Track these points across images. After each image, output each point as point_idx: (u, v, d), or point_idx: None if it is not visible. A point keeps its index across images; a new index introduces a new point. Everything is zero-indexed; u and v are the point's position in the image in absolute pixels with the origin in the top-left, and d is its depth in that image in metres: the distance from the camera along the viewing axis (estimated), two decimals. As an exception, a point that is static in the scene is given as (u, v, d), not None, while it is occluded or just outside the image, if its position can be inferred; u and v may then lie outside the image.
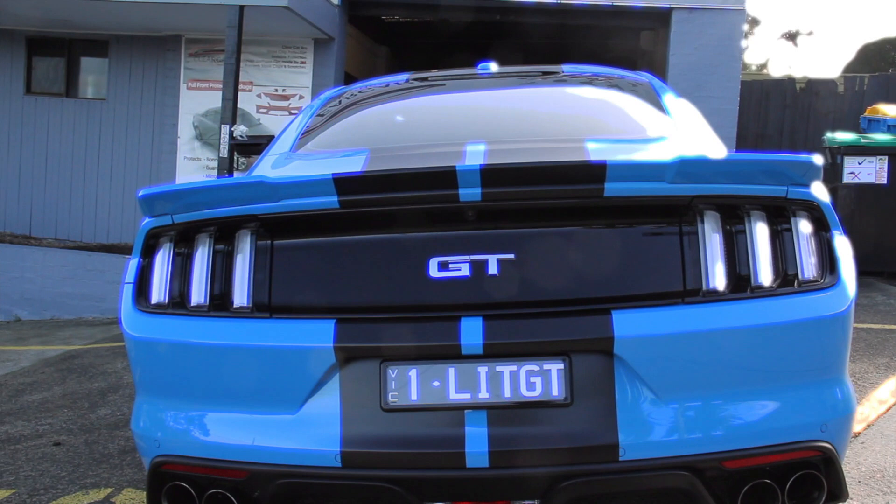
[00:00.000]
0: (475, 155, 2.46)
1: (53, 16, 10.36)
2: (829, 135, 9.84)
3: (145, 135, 11.28)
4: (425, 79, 3.74)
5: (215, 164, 9.82)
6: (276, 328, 2.22)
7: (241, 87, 9.25)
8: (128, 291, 2.36)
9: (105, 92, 11.48)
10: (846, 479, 2.23)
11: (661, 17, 10.68)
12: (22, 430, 4.78)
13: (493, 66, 3.71)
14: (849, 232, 2.39)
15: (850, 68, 29.90)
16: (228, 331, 2.24)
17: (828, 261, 2.23)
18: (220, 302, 2.28)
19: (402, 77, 3.78)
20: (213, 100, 10.38)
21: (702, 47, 10.27)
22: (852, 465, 3.68)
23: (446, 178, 2.11)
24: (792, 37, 38.74)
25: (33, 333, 8.76)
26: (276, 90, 10.84)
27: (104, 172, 11.36)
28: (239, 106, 9.20)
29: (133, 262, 2.38)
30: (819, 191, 2.25)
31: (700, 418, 2.13)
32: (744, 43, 10.48)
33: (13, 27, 11.31)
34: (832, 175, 9.31)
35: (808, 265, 2.20)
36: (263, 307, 2.25)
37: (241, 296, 2.25)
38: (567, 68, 3.77)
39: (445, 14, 11.57)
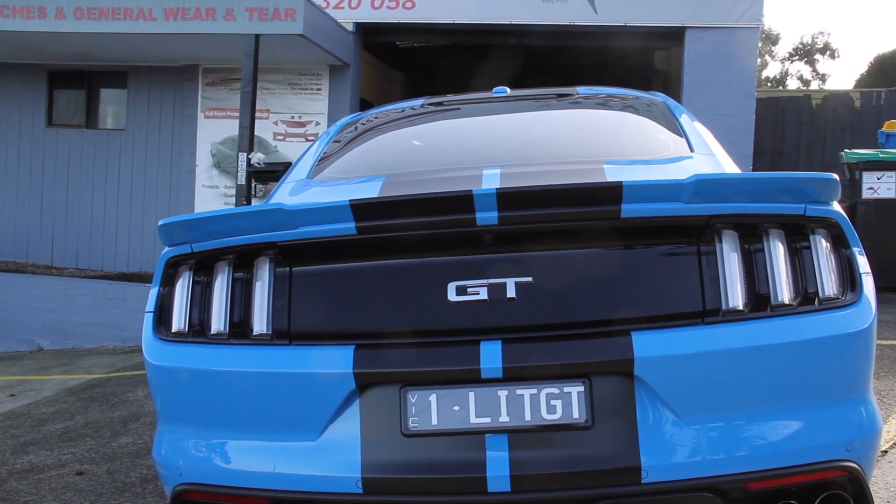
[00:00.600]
0: (492, 179, 2.47)
1: (74, 49, 10.52)
2: (846, 150, 9.80)
3: (164, 164, 11.39)
4: (440, 103, 3.76)
5: (233, 191, 9.90)
6: (296, 355, 2.22)
7: (257, 114, 9.33)
8: (148, 320, 2.38)
9: (124, 122, 11.62)
10: (874, 499, 2.20)
11: (675, 37, 10.70)
12: (45, 460, 4.81)
13: (509, 91, 3.72)
14: (869, 247, 2.38)
15: (864, 80, 29.81)
16: (248, 358, 2.24)
17: (848, 277, 2.21)
18: (239, 329, 2.29)
19: (417, 102, 3.81)
20: (230, 128, 10.48)
21: (716, 65, 10.26)
22: (880, 485, 3.63)
23: (463, 202, 2.12)
24: (807, 54, 38.68)
25: (55, 363, 8.82)
26: (293, 117, 10.93)
27: (124, 202, 11.47)
28: (256, 133, 9.28)
29: (153, 291, 2.40)
30: (837, 207, 2.24)
31: (723, 439, 2.11)
32: (759, 60, 10.48)
33: (35, 61, 11.48)
34: (851, 191, 9.26)
35: (828, 282, 2.18)
36: (283, 334, 2.25)
37: (260, 323, 2.26)
38: (582, 90, 3.78)
39: (459, 38, 11.65)
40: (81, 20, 9.27)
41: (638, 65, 13.46)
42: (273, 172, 3.69)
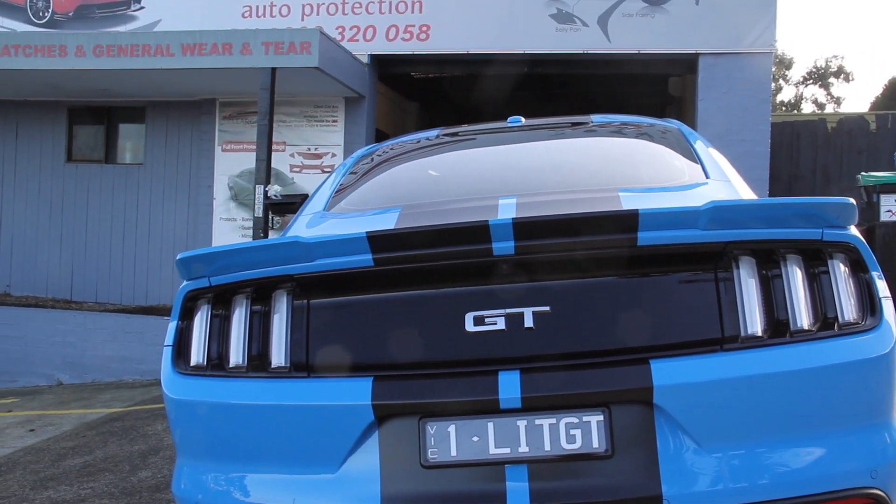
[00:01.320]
0: (508, 208, 2.47)
1: (94, 86, 10.67)
2: (863, 173, 9.75)
3: (182, 197, 11.49)
4: (455, 134, 3.78)
5: (250, 223, 9.96)
6: (315, 387, 2.22)
7: (274, 147, 9.42)
8: (167, 354, 2.39)
9: (142, 157, 11.75)
10: (900, 527, 2.16)
11: (689, 63, 10.73)
12: (65, 495, 4.81)
13: (523, 120, 3.74)
14: (888, 269, 2.36)
15: (878, 102, 29.73)
16: (267, 391, 2.25)
17: (868, 302, 2.20)
18: (258, 362, 2.29)
19: (432, 133, 3.83)
20: (247, 161, 10.57)
21: (730, 91, 10.28)
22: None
23: (479, 232, 2.12)
24: (821, 77, 38.64)
25: (74, 397, 8.86)
26: (309, 149, 11.01)
27: (142, 235, 11.56)
28: (272, 166, 9.36)
29: (172, 325, 2.41)
30: (855, 231, 2.23)
31: (744, 467, 2.09)
32: (773, 84, 10.48)
33: (56, 98, 11.66)
34: (869, 213, 9.20)
35: (847, 307, 2.16)
36: (301, 366, 2.26)
37: (278, 356, 2.27)
38: (596, 118, 3.79)
39: (473, 69, 11.73)
40: (101, 57, 9.43)
41: (652, 91, 13.49)
42: (290, 204, 3.71)
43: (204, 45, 9.20)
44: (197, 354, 2.34)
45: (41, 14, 12.07)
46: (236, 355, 2.30)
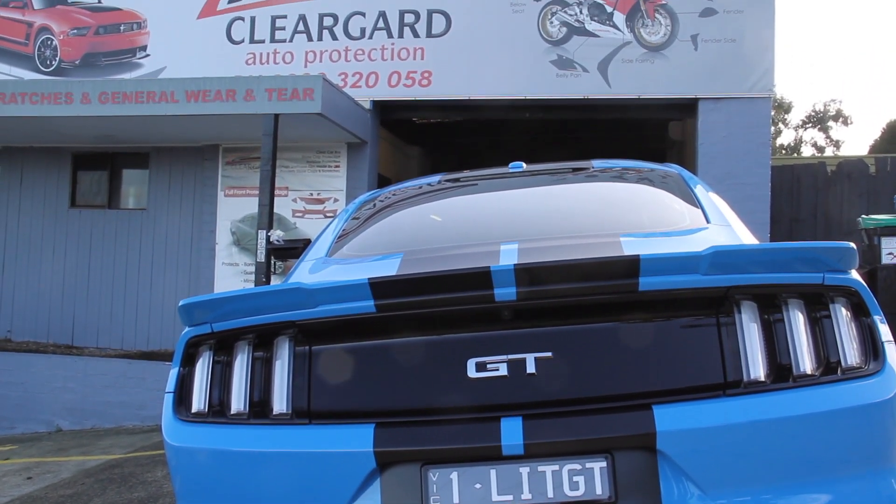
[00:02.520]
0: (509, 254, 2.48)
1: (98, 132, 10.77)
2: (864, 216, 9.78)
3: (184, 242, 11.51)
4: (457, 179, 3.80)
5: (253, 268, 9.97)
6: (316, 434, 2.21)
7: (276, 192, 9.46)
8: (168, 401, 2.38)
9: (145, 202, 11.79)
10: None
11: (688, 108, 10.83)
12: (63, 544, 4.75)
13: (524, 165, 3.76)
14: (890, 313, 2.36)
15: (877, 146, 29.89)
16: (268, 438, 2.24)
17: (870, 346, 2.19)
18: (259, 409, 2.29)
19: (434, 178, 3.85)
20: (249, 206, 10.61)
21: (730, 135, 10.35)
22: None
23: (481, 278, 2.13)
24: (820, 121, 38.91)
25: (74, 443, 8.79)
26: (311, 194, 11.07)
27: (144, 280, 11.56)
28: (275, 211, 9.39)
29: (173, 372, 2.40)
30: (856, 276, 2.23)
31: (750, 515, 2.07)
32: (773, 128, 10.56)
33: (60, 144, 11.75)
34: (871, 256, 9.21)
35: (850, 352, 2.16)
36: (303, 413, 2.25)
37: (280, 402, 2.26)
38: (597, 163, 3.82)
39: (475, 113, 11.83)
40: (106, 104, 9.53)
41: (653, 136, 13.59)
42: (292, 249, 3.73)
43: (208, 91, 9.30)
44: (198, 401, 2.33)
45: (48, 62, 12.22)
46: (238, 402, 2.29)
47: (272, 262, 9.00)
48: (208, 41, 11.61)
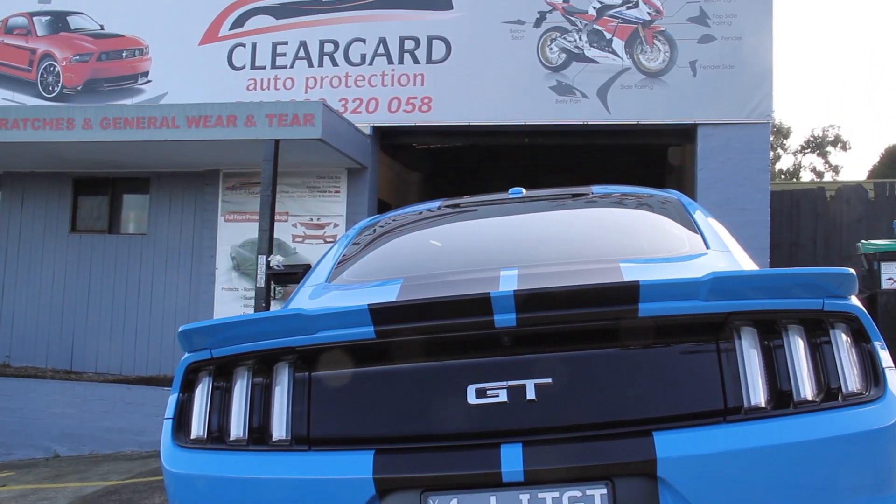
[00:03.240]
0: (509, 280, 2.48)
1: (99, 157, 10.80)
2: (863, 241, 9.79)
3: (184, 267, 11.51)
4: (457, 205, 3.81)
5: (252, 294, 9.97)
6: (316, 460, 2.20)
7: (276, 217, 9.47)
8: (167, 427, 2.37)
9: (146, 227, 11.80)
10: None
11: (687, 133, 10.87)
12: (60, 571, 4.71)
13: (524, 191, 3.77)
14: (890, 339, 2.35)
15: (876, 171, 29.97)
16: (268, 464, 2.23)
17: (871, 372, 2.19)
18: (258, 435, 2.28)
19: (434, 204, 3.86)
20: (249, 231, 10.63)
21: (729, 161, 10.39)
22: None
23: (481, 304, 2.13)
24: (819, 146, 39.04)
25: (71, 469, 8.74)
26: (311, 219, 11.08)
27: (144, 304, 11.55)
28: (275, 236, 9.40)
29: (172, 398, 2.40)
30: (856, 301, 2.23)
31: (751, 542, 2.06)
32: (772, 153, 10.60)
33: (61, 170, 11.78)
34: (870, 281, 9.21)
35: (850, 378, 2.16)
36: (302, 439, 2.24)
37: (279, 429, 2.25)
38: (597, 189, 3.83)
39: (475, 139, 11.88)
40: (107, 129, 9.56)
41: (652, 161, 13.64)
42: (292, 274, 3.74)
43: (209, 117, 9.34)
44: (197, 427, 2.33)
45: (51, 88, 12.29)
46: (237, 428, 2.29)
47: (272, 287, 9.00)
48: (210, 67, 11.68)
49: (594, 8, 10.87)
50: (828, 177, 37.84)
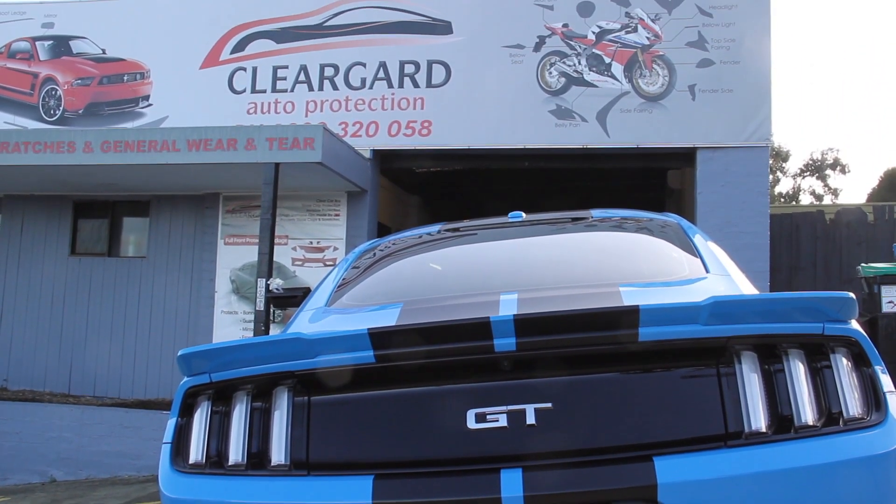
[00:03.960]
0: (509, 305, 2.48)
1: (100, 180, 10.82)
2: (863, 264, 9.79)
3: (183, 290, 11.50)
4: (457, 229, 3.81)
5: (252, 317, 9.95)
6: (314, 486, 2.19)
7: (276, 240, 9.47)
8: (165, 451, 2.36)
9: (145, 250, 11.81)
10: None
11: (686, 157, 10.90)
12: None
13: (524, 215, 3.78)
14: (891, 362, 2.34)
15: (875, 194, 30.03)
16: (266, 490, 2.21)
17: (872, 397, 2.18)
18: (257, 460, 2.27)
19: (434, 228, 3.86)
20: (249, 254, 10.63)
21: (728, 184, 10.41)
22: None
23: (481, 329, 2.12)
24: (818, 169, 39.14)
25: (67, 495, 8.68)
26: (311, 242, 11.09)
27: (143, 328, 11.52)
28: (275, 259, 9.40)
29: (171, 422, 2.39)
30: (856, 325, 2.23)
31: (753, 568, 2.04)
32: (771, 177, 10.62)
33: (62, 193, 11.81)
34: (871, 304, 9.20)
35: (851, 402, 2.15)
36: (301, 464, 2.23)
37: (278, 454, 2.24)
38: (596, 213, 3.83)
39: (475, 163, 11.91)
40: (108, 153, 9.59)
41: (651, 184, 13.66)
42: (292, 298, 3.73)
43: (209, 140, 9.37)
44: (196, 452, 2.31)
45: (52, 112, 12.35)
46: (236, 453, 2.27)
47: (271, 310, 8.98)
48: (210, 91, 11.74)
49: (593, 32, 10.94)
50: (827, 200, 37.90)
